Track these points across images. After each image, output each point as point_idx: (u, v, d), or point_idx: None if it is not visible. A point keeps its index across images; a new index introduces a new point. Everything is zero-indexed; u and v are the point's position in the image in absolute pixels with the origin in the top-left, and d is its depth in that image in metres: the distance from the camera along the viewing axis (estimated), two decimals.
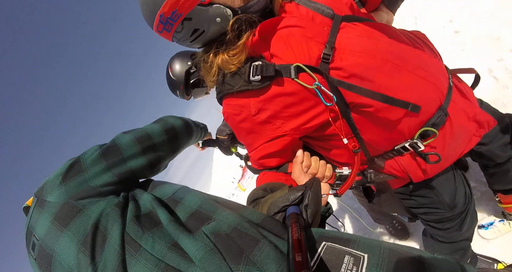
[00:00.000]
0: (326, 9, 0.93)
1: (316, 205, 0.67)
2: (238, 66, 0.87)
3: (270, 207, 0.71)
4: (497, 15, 2.52)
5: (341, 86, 0.86)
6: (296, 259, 0.47)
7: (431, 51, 1.05)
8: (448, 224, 1.23)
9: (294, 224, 0.59)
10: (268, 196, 0.78)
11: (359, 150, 0.94)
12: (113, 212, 0.67)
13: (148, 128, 0.92)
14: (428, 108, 0.93)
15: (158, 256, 0.59)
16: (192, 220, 0.67)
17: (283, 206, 0.68)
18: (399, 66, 0.88)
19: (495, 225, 1.74)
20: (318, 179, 0.73)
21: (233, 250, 0.57)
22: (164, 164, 0.98)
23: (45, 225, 0.66)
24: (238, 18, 0.85)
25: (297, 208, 0.66)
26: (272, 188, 0.87)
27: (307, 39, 0.87)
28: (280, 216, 0.69)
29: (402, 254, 0.57)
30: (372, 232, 2.55)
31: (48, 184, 0.72)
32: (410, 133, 0.96)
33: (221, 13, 0.83)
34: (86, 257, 0.60)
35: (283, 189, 0.76)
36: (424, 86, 0.91)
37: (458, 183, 1.16)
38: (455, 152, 1.03)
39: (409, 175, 1.03)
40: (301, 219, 0.62)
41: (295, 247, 0.51)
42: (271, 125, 0.93)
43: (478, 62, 2.41)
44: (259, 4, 0.87)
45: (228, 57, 0.87)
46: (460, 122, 0.99)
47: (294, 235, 0.54)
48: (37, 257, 0.64)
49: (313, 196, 0.67)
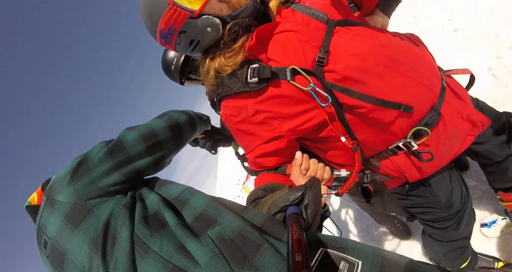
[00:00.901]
0: (321, 15, 0.96)
1: (316, 205, 0.67)
2: (234, 68, 0.91)
3: (270, 207, 0.72)
4: (495, 13, 2.51)
5: (334, 88, 0.89)
6: (296, 259, 0.48)
7: (424, 53, 1.07)
8: (446, 223, 1.24)
9: (294, 224, 0.59)
10: (268, 196, 0.79)
11: (358, 147, 0.96)
12: (122, 213, 0.70)
13: (153, 124, 0.92)
14: (420, 109, 0.95)
15: (166, 257, 0.62)
16: (198, 223, 0.70)
17: (283, 206, 0.69)
18: (391, 68, 0.91)
19: (497, 223, 1.74)
20: (318, 179, 0.73)
21: (237, 255, 0.60)
22: (168, 160, 0.99)
23: (56, 224, 0.69)
24: (235, 22, 0.90)
25: (297, 208, 0.67)
26: (272, 188, 0.89)
27: (302, 43, 0.90)
28: (280, 216, 0.70)
29: (394, 262, 0.60)
30: (374, 233, 2.56)
31: (56, 183, 0.75)
32: (403, 133, 0.98)
33: (210, 23, 0.89)
34: (97, 256, 0.63)
35: (283, 189, 0.76)
36: (416, 88, 0.93)
37: (454, 183, 1.17)
38: (450, 151, 1.05)
39: (404, 175, 1.04)
40: (301, 219, 0.62)
41: (295, 247, 0.51)
42: (268, 126, 0.96)
43: (477, 60, 2.41)
44: (247, 11, 0.92)
45: (224, 59, 0.92)
46: (454, 122, 1.00)
47: (294, 235, 0.55)
48: (50, 255, 0.68)
49: (313, 196, 0.67)
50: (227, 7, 0.90)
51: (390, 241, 2.38)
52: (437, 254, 1.47)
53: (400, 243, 2.29)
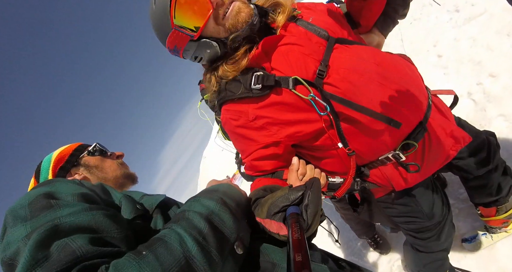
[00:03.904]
0: (322, 31, 1.03)
1: (316, 205, 0.67)
2: (235, 74, 0.99)
3: (270, 207, 0.72)
4: (478, 40, 2.68)
5: (333, 99, 0.96)
6: (296, 259, 0.47)
7: (413, 72, 1.15)
8: (427, 234, 1.30)
9: (294, 224, 0.59)
10: (268, 196, 0.80)
11: (354, 152, 1.00)
12: None
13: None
14: (408, 123, 1.02)
15: None
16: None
17: (283, 206, 0.70)
18: (384, 85, 0.98)
19: (478, 238, 1.80)
20: (318, 179, 0.74)
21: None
22: None
23: None
24: (237, 35, 0.97)
25: (297, 208, 0.67)
26: (272, 188, 0.91)
27: (305, 56, 0.98)
28: (280, 216, 0.70)
29: None
30: (354, 246, 2.59)
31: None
32: (392, 145, 1.05)
33: (209, 45, 0.99)
34: None
35: (283, 189, 0.77)
36: (406, 104, 1.01)
37: (436, 195, 1.25)
38: (434, 164, 1.12)
39: (391, 183, 1.10)
40: (301, 219, 0.63)
41: (295, 247, 0.51)
42: (267, 131, 1.01)
43: (459, 85, 2.56)
44: (244, 33, 0.98)
45: (226, 66, 1.00)
46: (438, 137, 1.08)
47: (294, 235, 0.55)
48: None
49: (313, 196, 0.68)
50: (224, 30, 0.97)
51: (370, 255, 2.43)
52: (417, 265, 1.53)
53: (380, 257, 2.34)
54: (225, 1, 0.93)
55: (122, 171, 1.19)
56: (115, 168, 1.18)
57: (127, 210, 0.74)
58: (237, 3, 0.94)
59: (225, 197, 0.73)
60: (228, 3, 0.94)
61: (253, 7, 0.98)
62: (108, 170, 1.16)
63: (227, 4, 0.94)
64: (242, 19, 0.94)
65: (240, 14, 0.94)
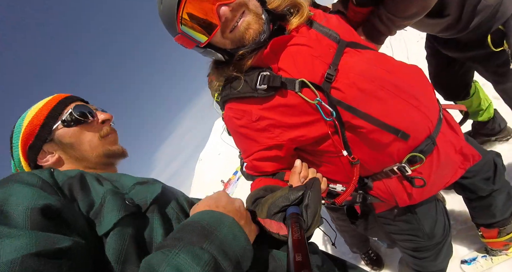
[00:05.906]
0: (333, 34, 1.00)
1: (316, 205, 0.67)
2: (239, 74, 0.96)
3: (270, 206, 0.72)
4: None
5: (340, 105, 0.92)
6: (296, 259, 0.47)
7: (425, 84, 1.12)
8: (425, 253, 1.26)
9: (294, 224, 0.59)
10: (268, 196, 0.79)
11: (358, 161, 0.97)
12: None
13: None
14: (417, 135, 0.98)
15: None
16: None
17: (283, 206, 0.69)
18: (394, 94, 0.95)
19: (477, 261, 1.76)
20: (318, 179, 0.74)
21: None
22: None
23: None
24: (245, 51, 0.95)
25: (297, 208, 0.67)
26: (273, 188, 0.90)
27: (313, 58, 0.94)
28: (280, 216, 0.70)
29: None
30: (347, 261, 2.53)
31: None
32: (398, 157, 1.00)
33: (213, 55, 1.00)
34: None
35: (283, 189, 0.77)
36: (416, 115, 0.97)
37: (439, 214, 1.20)
38: (441, 181, 1.08)
39: (395, 198, 1.06)
40: (301, 219, 0.63)
41: (295, 247, 0.51)
42: (269, 133, 0.98)
43: None
44: (250, 47, 0.95)
45: (231, 67, 0.98)
46: (447, 152, 1.04)
47: (294, 235, 0.55)
48: None
49: (313, 196, 0.68)
50: (230, 43, 0.94)
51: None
52: None
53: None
54: (236, 14, 0.88)
55: (105, 147, 0.91)
56: (96, 143, 0.90)
57: (114, 208, 0.62)
58: (247, 18, 0.89)
59: (221, 254, 0.50)
60: (238, 16, 0.88)
61: (264, 20, 0.93)
62: (88, 147, 0.88)
63: (237, 18, 0.88)
64: (249, 36, 0.90)
65: (248, 31, 0.90)
